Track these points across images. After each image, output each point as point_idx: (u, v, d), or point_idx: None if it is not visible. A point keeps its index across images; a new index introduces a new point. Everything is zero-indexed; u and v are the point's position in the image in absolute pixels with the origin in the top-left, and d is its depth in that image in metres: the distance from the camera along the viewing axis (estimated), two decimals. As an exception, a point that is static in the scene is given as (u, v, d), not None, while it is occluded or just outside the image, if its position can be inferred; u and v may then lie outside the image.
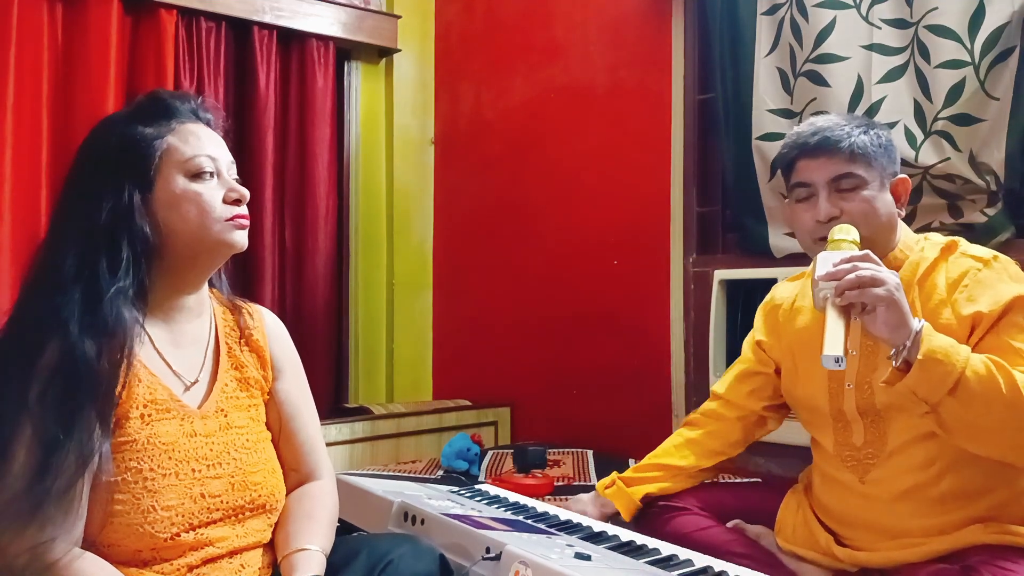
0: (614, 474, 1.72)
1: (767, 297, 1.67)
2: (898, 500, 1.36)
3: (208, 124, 1.17)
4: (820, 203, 1.37)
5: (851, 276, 1.18)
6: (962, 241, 1.40)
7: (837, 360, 1.15)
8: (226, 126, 1.21)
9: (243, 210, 1.15)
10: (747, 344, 1.67)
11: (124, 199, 1.07)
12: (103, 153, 1.10)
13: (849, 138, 1.36)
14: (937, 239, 1.42)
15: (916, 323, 1.19)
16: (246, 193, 1.15)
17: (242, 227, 1.14)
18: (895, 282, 1.19)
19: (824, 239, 1.33)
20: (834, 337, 1.17)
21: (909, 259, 1.39)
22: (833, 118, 1.42)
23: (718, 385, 1.71)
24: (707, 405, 1.71)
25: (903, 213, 1.42)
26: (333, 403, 3.15)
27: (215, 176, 1.13)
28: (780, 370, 1.59)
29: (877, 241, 1.36)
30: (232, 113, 2.89)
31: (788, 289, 1.61)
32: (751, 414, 1.64)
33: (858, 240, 1.29)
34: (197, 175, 1.11)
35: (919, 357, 1.17)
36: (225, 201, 1.13)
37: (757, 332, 1.64)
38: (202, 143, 1.13)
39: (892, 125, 2.01)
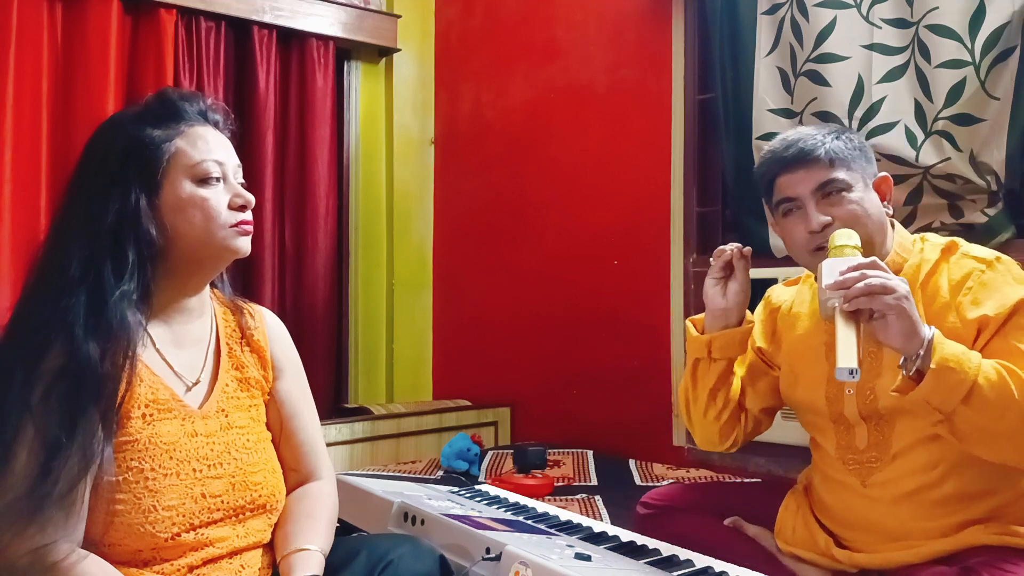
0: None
1: (764, 298, 1.63)
2: (900, 502, 1.35)
3: (216, 126, 1.16)
4: (810, 213, 1.34)
5: (860, 285, 1.16)
6: (962, 241, 1.38)
7: (852, 372, 1.13)
8: (233, 127, 1.20)
9: (248, 216, 1.14)
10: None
11: (131, 202, 1.07)
12: (110, 154, 1.09)
13: (823, 145, 1.34)
14: (936, 240, 1.40)
15: (927, 331, 1.18)
16: (251, 199, 1.15)
17: (246, 233, 1.14)
18: (905, 290, 1.16)
19: (821, 249, 1.31)
20: (847, 349, 1.14)
21: (909, 262, 1.37)
22: (804, 129, 1.41)
23: None
24: None
25: (891, 211, 1.40)
26: (333, 403, 3.15)
27: (221, 181, 1.13)
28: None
29: (872, 244, 1.34)
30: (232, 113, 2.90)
31: (785, 294, 1.59)
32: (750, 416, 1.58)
33: (859, 244, 1.26)
34: (204, 180, 1.11)
35: (932, 366, 1.15)
36: (231, 207, 1.13)
37: (757, 338, 1.59)
38: (210, 147, 1.13)
39: (892, 125, 2.02)
